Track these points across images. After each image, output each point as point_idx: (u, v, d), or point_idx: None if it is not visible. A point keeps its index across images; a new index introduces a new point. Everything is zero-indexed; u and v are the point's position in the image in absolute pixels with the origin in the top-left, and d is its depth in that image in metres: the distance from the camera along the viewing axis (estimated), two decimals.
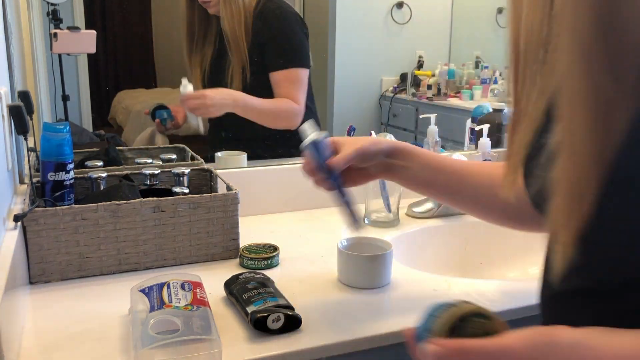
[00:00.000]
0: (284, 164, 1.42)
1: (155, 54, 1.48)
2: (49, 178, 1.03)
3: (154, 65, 1.48)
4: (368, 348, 0.84)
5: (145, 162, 1.25)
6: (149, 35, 1.45)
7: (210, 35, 1.39)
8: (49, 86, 1.34)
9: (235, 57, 1.36)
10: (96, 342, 0.80)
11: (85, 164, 1.23)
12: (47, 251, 0.97)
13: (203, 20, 1.38)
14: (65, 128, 1.04)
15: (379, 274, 0.99)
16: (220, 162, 1.42)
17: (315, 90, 1.54)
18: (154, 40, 1.46)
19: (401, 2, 1.70)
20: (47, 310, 0.90)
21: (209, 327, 0.76)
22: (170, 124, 1.36)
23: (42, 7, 1.28)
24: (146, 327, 0.74)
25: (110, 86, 1.44)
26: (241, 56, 1.36)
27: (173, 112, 1.36)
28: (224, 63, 1.39)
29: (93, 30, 1.33)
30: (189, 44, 1.39)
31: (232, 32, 1.35)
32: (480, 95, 1.82)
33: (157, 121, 1.35)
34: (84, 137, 1.39)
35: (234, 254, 1.10)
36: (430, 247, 1.31)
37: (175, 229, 1.04)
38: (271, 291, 0.88)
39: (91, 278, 1.00)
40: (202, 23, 1.38)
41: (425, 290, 0.99)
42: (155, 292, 0.82)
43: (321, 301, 0.94)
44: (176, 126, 1.37)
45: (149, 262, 1.04)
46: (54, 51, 1.30)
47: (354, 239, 1.06)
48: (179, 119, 1.37)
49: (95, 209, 0.98)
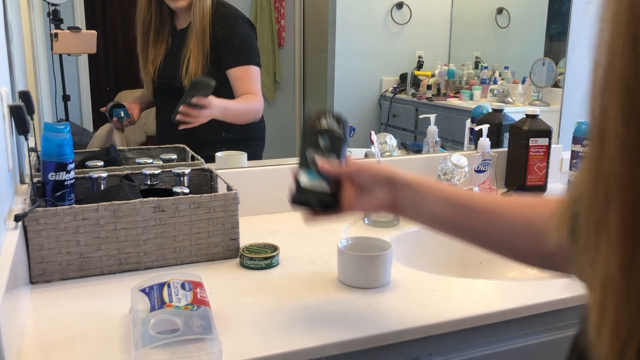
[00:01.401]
0: (284, 164, 1.42)
1: None
2: (50, 178, 1.03)
3: None
4: (368, 348, 0.85)
5: (145, 162, 1.25)
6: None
7: (163, 32, 1.44)
8: (49, 86, 1.34)
9: (196, 52, 1.41)
10: (96, 342, 0.80)
11: (86, 164, 1.23)
12: (48, 251, 0.97)
13: (159, 17, 1.42)
14: (66, 128, 1.04)
15: (379, 274, 0.99)
16: (220, 162, 1.42)
17: (315, 90, 1.54)
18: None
19: (401, 3, 1.71)
20: (48, 310, 0.90)
21: (209, 326, 0.76)
22: (126, 122, 1.42)
23: (42, 7, 1.28)
24: (147, 327, 0.75)
25: (111, 86, 1.44)
26: (203, 52, 1.41)
27: (129, 109, 1.42)
28: (175, 60, 1.42)
29: (94, 30, 1.33)
30: (143, 40, 1.43)
31: (201, 26, 1.40)
32: (479, 96, 1.82)
33: (115, 119, 1.42)
34: (85, 137, 1.40)
35: (234, 254, 1.10)
36: (430, 247, 1.31)
37: (175, 229, 1.05)
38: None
39: (92, 278, 1.01)
40: (158, 19, 1.42)
41: (425, 290, 0.99)
42: (155, 292, 0.82)
43: (321, 301, 0.94)
44: (132, 123, 1.43)
45: (150, 262, 1.04)
46: (54, 51, 1.30)
47: (354, 239, 1.06)
48: (134, 116, 1.44)
49: (96, 209, 0.98)
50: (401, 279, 1.03)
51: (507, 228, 0.72)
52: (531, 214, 0.71)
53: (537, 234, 0.67)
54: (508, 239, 0.73)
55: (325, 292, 0.97)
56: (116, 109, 1.40)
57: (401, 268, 1.08)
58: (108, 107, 1.41)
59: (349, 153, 0.86)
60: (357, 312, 0.91)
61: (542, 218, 0.68)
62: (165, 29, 1.44)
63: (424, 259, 1.28)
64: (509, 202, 0.75)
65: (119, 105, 1.41)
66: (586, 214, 0.35)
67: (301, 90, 1.61)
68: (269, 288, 0.98)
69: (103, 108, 1.42)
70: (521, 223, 0.71)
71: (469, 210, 0.74)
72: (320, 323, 0.87)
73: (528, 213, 0.72)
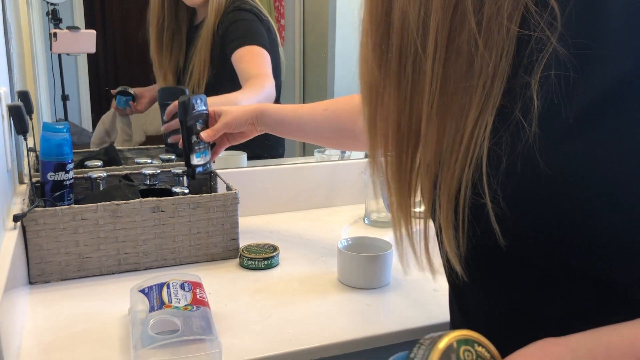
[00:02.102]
0: (284, 164, 1.42)
1: None
2: (49, 178, 1.03)
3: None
4: (368, 348, 0.84)
5: (145, 162, 1.25)
6: (149, 36, 1.45)
7: (180, 33, 1.38)
8: (48, 86, 1.33)
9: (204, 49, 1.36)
10: (96, 343, 0.80)
11: (85, 164, 1.23)
12: (47, 251, 0.97)
13: (174, 15, 1.37)
14: (65, 128, 1.04)
15: (379, 274, 0.99)
16: (220, 162, 1.42)
17: (315, 90, 1.54)
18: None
19: None
20: (47, 310, 0.90)
21: (209, 327, 0.76)
22: (128, 110, 1.39)
23: (41, 6, 1.28)
24: (146, 327, 0.74)
25: (110, 86, 1.44)
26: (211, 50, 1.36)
27: (138, 97, 1.39)
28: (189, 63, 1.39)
29: (93, 30, 1.32)
30: (157, 44, 1.37)
31: (215, 22, 1.34)
32: None
33: (114, 105, 1.38)
34: (84, 137, 1.39)
35: (234, 254, 1.10)
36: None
37: (175, 229, 1.04)
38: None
39: (91, 278, 1.00)
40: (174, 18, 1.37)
41: (425, 290, 0.99)
42: (155, 292, 0.82)
43: (321, 301, 0.94)
44: (136, 111, 1.40)
45: (149, 262, 1.04)
46: (53, 51, 1.30)
47: (354, 239, 1.06)
48: (143, 103, 1.39)
49: (95, 209, 0.98)
50: (401, 279, 1.02)
51: (315, 128, 1.09)
52: (336, 111, 1.06)
53: (337, 126, 1.06)
54: (315, 134, 1.10)
55: (325, 292, 0.97)
56: (120, 96, 1.38)
57: (401, 268, 1.07)
58: (116, 90, 1.39)
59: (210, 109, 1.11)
60: (357, 312, 0.90)
61: (344, 113, 1.06)
62: (182, 28, 1.38)
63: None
64: (321, 109, 1.09)
65: (125, 92, 1.39)
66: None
67: (301, 89, 1.60)
68: (268, 288, 0.98)
69: (113, 90, 1.38)
70: (328, 121, 1.07)
71: (291, 122, 1.09)
72: (320, 323, 0.87)
73: (336, 109, 1.07)
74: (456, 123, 0.51)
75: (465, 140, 0.50)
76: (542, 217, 0.48)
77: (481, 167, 0.50)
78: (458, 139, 0.51)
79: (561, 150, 0.46)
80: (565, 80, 0.47)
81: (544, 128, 0.47)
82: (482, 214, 0.50)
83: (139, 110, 1.40)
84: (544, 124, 0.47)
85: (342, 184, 1.45)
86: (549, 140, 0.47)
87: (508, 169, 0.49)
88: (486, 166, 0.49)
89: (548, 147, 0.47)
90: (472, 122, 0.50)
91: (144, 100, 1.40)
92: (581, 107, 0.46)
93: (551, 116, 0.47)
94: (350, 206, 1.45)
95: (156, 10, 1.36)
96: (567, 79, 0.47)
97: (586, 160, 0.45)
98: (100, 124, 1.40)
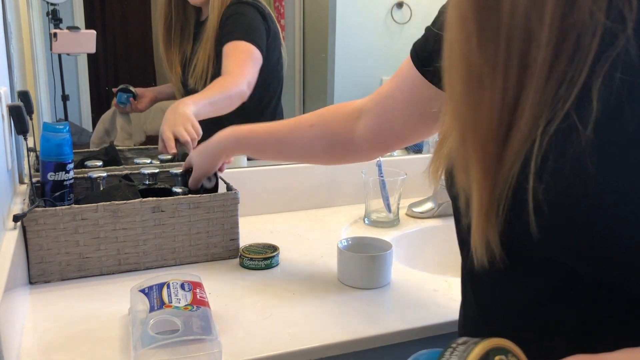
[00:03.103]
0: (284, 164, 1.42)
1: (155, 54, 1.47)
2: (49, 178, 1.03)
3: (154, 65, 1.48)
4: (368, 348, 0.84)
5: (144, 162, 1.25)
6: (149, 35, 1.45)
7: (188, 28, 1.39)
8: (48, 86, 1.33)
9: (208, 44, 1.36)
10: (96, 342, 0.80)
11: (85, 164, 1.23)
12: (47, 251, 0.97)
13: (182, 12, 1.38)
14: (65, 128, 1.04)
15: (379, 274, 0.99)
16: None
17: (315, 90, 1.54)
18: (154, 40, 1.46)
19: (401, 2, 1.70)
20: (47, 310, 0.90)
21: (209, 327, 0.76)
22: (128, 108, 1.38)
23: (41, 6, 1.28)
24: (146, 327, 0.74)
25: (110, 86, 1.43)
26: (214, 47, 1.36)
27: (139, 96, 1.38)
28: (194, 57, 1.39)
29: (93, 30, 1.32)
30: (165, 40, 1.38)
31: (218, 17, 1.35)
32: None
33: (114, 102, 1.38)
34: (84, 136, 1.39)
35: (234, 254, 1.10)
36: (430, 247, 1.31)
37: (175, 229, 1.04)
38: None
39: (91, 278, 1.00)
40: (182, 14, 1.37)
41: (425, 290, 0.99)
42: (155, 292, 0.82)
43: (321, 301, 0.94)
44: (136, 110, 1.39)
45: (149, 262, 1.04)
46: (53, 51, 1.30)
47: (354, 239, 1.06)
48: (144, 102, 1.39)
49: (95, 209, 0.98)
50: (401, 279, 1.02)
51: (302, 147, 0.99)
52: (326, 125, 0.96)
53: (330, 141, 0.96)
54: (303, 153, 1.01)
55: (325, 292, 0.97)
56: (120, 93, 1.38)
57: (401, 268, 1.07)
58: (117, 88, 1.39)
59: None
60: (357, 312, 0.90)
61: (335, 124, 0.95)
62: (190, 22, 1.38)
63: (424, 259, 1.27)
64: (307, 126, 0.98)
65: (126, 90, 1.39)
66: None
67: (301, 90, 1.60)
68: (268, 288, 0.98)
69: (114, 89, 1.38)
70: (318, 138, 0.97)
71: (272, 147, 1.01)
72: (320, 323, 0.87)
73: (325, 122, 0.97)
74: (547, 113, 0.48)
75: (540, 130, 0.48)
76: (585, 229, 0.46)
77: (530, 159, 0.48)
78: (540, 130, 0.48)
79: (616, 160, 0.44)
80: (630, 85, 0.45)
81: (600, 134, 0.45)
82: (523, 200, 0.49)
83: (139, 109, 1.40)
84: (600, 129, 0.45)
85: (342, 184, 1.45)
86: (603, 148, 0.45)
87: (555, 168, 0.47)
88: (536, 159, 0.48)
89: (601, 155, 0.45)
90: (561, 113, 0.47)
91: (145, 100, 1.40)
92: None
93: (609, 122, 0.45)
94: (350, 206, 1.45)
95: (164, 9, 1.37)
96: (632, 83, 0.44)
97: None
98: (100, 123, 1.40)
